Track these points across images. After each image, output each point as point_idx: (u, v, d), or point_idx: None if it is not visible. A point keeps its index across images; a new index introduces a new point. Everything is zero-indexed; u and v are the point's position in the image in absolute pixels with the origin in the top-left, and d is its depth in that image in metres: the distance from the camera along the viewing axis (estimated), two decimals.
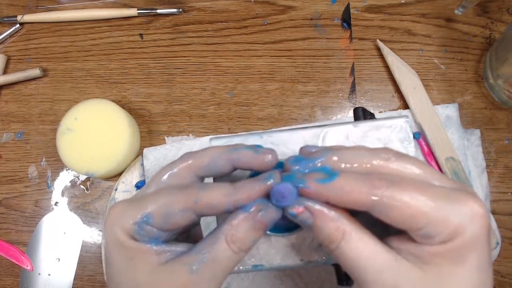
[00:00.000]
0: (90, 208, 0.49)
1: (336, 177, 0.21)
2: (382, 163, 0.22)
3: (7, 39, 0.53)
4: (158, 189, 0.25)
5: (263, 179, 0.23)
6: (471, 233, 0.20)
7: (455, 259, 0.21)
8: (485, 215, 0.21)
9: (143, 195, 0.24)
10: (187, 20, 0.52)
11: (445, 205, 0.20)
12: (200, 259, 0.23)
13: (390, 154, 0.22)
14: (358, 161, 0.22)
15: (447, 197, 0.21)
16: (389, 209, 0.20)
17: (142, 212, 0.23)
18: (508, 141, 0.46)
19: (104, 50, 0.52)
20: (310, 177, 0.22)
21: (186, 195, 0.23)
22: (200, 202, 0.23)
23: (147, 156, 0.46)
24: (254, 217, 0.23)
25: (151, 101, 0.50)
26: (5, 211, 0.50)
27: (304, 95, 0.49)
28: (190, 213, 0.23)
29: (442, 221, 0.20)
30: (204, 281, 0.23)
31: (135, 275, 0.24)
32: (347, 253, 0.22)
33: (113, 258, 0.24)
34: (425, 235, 0.21)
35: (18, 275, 0.48)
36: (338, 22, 0.50)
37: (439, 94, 0.47)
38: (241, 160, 0.24)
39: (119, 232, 0.24)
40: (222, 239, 0.23)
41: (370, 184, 0.21)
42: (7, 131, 0.51)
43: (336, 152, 0.23)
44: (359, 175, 0.21)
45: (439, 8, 0.49)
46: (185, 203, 0.23)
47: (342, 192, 0.21)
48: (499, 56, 0.44)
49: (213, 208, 0.23)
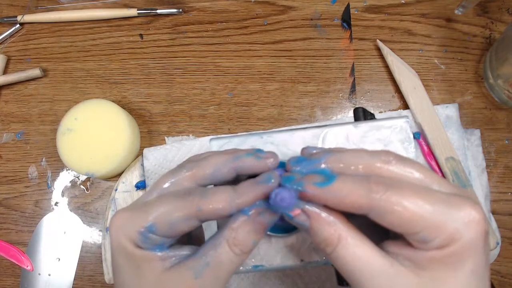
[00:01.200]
0: (90, 208, 0.49)
1: (334, 180, 0.21)
2: (382, 166, 0.22)
3: (7, 39, 0.53)
4: (161, 196, 0.25)
5: (263, 182, 0.23)
6: (467, 239, 0.20)
7: (451, 265, 0.21)
8: (482, 221, 0.21)
9: (146, 203, 0.25)
10: (187, 20, 0.52)
11: (442, 210, 0.20)
12: (204, 263, 0.23)
13: (391, 157, 0.22)
14: (358, 163, 0.22)
15: (445, 202, 0.21)
16: (386, 213, 0.21)
17: (146, 221, 0.23)
18: (508, 141, 0.46)
19: (104, 50, 0.52)
20: (308, 180, 0.22)
21: (188, 203, 0.23)
22: (203, 210, 0.23)
23: (147, 156, 0.46)
24: (254, 219, 0.23)
25: (151, 101, 0.50)
26: (5, 211, 0.50)
27: (304, 95, 0.49)
28: (193, 221, 0.23)
29: (439, 226, 0.20)
30: (209, 284, 0.23)
31: (142, 283, 0.24)
32: (343, 257, 0.22)
33: (120, 266, 0.25)
34: (421, 240, 0.21)
35: (18, 275, 0.48)
36: (338, 22, 0.50)
37: (439, 94, 0.47)
38: (244, 167, 0.24)
39: (124, 241, 0.24)
40: (224, 242, 0.23)
41: (368, 188, 0.21)
42: (7, 131, 0.51)
43: (336, 154, 0.23)
44: (357, 179, 0.21)
45: (439, 8, 0.49)
46: (189, 212, 0.23)
47: (339, 195, 0.21)
48: (499, 56, 0.44)
49: (216, 214, 0.23)
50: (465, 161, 0.44)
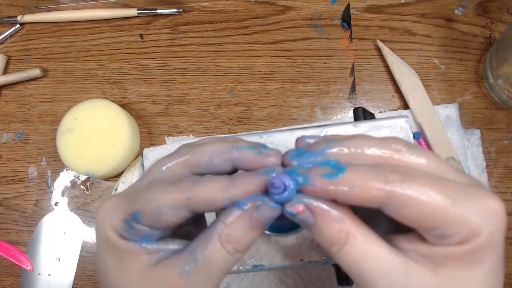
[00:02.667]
0: (90, 208, 0.49)
1: (344, 171, 0.19)
2: (392, 155, 0.20)
3: (7, 39, 0.53)
4: (150, 183, 0.22)
5: (263, 173, 0.21)
6: (489, 232, 0.19)
7: (471, 261, 0.19)
8: (503, 214, 0.19)
9: (135, 190, 0.22)
10: (187, 20, 0.52)
11: (463, 202, 0.19)
12: (192, 260, 0.21)
13: (401, 145, 0.20)
14: (366, 152, 0.20)
15: (465, 194, 0.19)
16: (404, 206, 0.18)
17: (131, 209, 0.21)
18: (508, 141, 0.46)
19: (104, 50, 0.52)
20: (314, 172, 0.19)
21: (178, 190, 0.21)
22: (194, 199, 0.21)
23: (147, 156, 0.46)
24: (250, 214, 0.20)
25: (151, 101, 0.50)
26: (5, 211, 0.50)
27: (304, 95, 0.49)
28: (183, 211, 0.21)
29: (461, 220, 0.18)
30: (197, 283, 0.21)
31: (124, 278, 0.22)
32: (351, 256, 0.20)
33: (103, 259, 0.23)
34: (440, 235, 0.19)
35: (18, 275, 0.48)
36: (338, 22, 0.50)
37: (439, 94, 0.47)
38: (242, 160, 0.22)
39: (108, 231, 0.22)
40: (215, 238, 0.21)
41: (384, 178, 0.19)
42: (7, 131, 0.51)
43: (340, 143, 0.20)
44: (369, 168, 0.19)
45: (439, 8, 0.49)
46: (177, 200, 0.21)
47: (351, 187, 0.19)
48: (499, 56, 0.44)
49: (208, 205, 0.21)
50: (465, 161, 0.44)
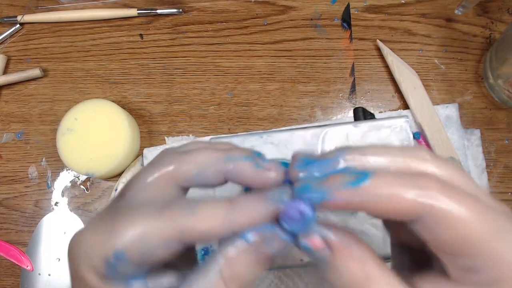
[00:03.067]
0: (90, 208, 0.49)
1: (368, 177, 0.16)
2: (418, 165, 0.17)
3: (7, 39, 0.53)
4: (132, 208, 0.19)
5: (272, 199, 0.17)
6: None
7: None
8: None
9: (115, 217, 0.19)
10: (187, 20, 0.52)
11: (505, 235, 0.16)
12: None
13: (427, 155, 0.17)
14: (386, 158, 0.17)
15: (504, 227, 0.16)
16: (440, 223, 0.15)
17: (113, 247, 0.18)
18: (508, 141, 0.46)
19: (104, 50, 0.52)
20: (333, 182, 0.16)
21: (168, 221, 0.18)
22: (188, 231, 0.17)
23: (147, 156, 0.46)
24: (258, 248, 0.17)
25: (151, 101, 0.50)
26: (5, 211, 0.50)
27: (304, 95, 0.49)
28: (175, 244, 0.18)
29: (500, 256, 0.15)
30: None
31: None
32: None
33: None
34: (470, 268, 0.16)
35: (18, 275, 0.48)
36: (338, 22, 0.50)
37: (439, 94, 0.47)
38: (237, 174, 0.19)
39: (86, 273, 0.19)
40: (217, 277, 0.17)
41: (417, 185, 0.15)
42: (7, 131, 0.51)
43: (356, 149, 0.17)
44: (399, 174, 0.16)
45: (439, 8, 0.49)
46: (168, 233, 0.17)
47: (379, 196, 0.16)
48: (499, 56, 0.44)
49: (206, 238, 0.18)
50: (465, 161, 0.44)
